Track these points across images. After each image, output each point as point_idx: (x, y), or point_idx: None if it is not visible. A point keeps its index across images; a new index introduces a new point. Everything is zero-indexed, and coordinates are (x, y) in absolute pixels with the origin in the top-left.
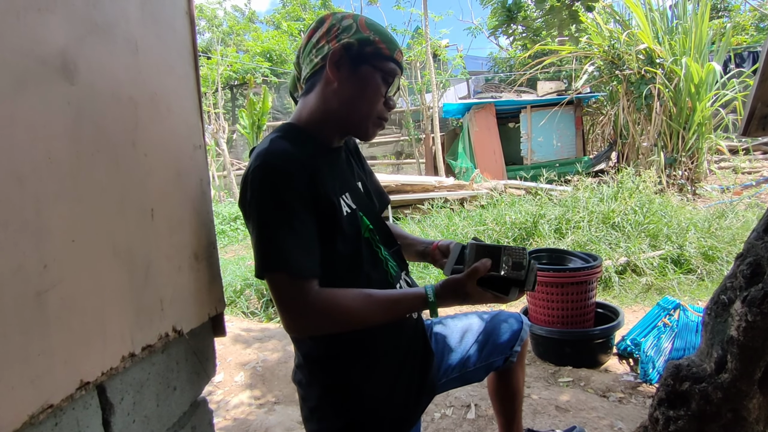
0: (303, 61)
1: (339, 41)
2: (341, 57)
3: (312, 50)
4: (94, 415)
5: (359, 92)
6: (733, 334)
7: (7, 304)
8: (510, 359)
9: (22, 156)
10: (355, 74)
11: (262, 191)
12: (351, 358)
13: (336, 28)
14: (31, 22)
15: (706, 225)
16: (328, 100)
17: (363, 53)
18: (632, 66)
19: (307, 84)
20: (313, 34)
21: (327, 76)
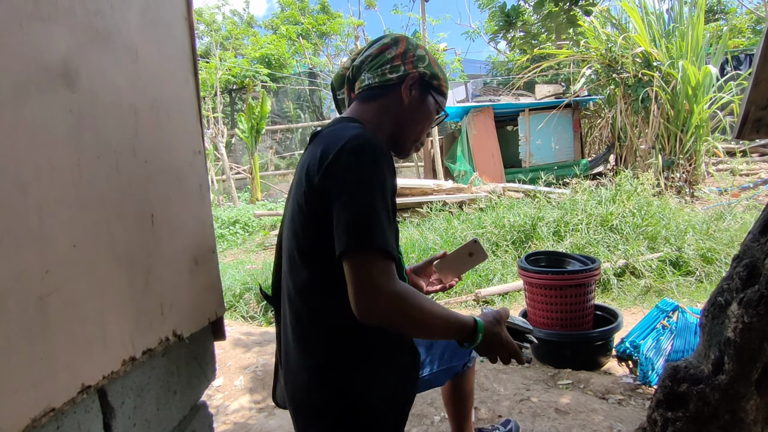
0: (368, 69)
1: (415, 68)
2: (415, 83)
3: (386, 65)
4: (95, 418)
5: (419, 117)
6: (730, 335)
7: (10, 309)
8: (467, 364)
9: (25, 163)
10: (421, 101)
11: (370, 168)
12: (364, 360)
13: (412, 54)
14: (34, 30)
15: (704, 227)
16: (392, 114)
17: (431, 85)
18: (629, 69)
19: (370, 92)
20: (386, 50)
21: (398, 95)
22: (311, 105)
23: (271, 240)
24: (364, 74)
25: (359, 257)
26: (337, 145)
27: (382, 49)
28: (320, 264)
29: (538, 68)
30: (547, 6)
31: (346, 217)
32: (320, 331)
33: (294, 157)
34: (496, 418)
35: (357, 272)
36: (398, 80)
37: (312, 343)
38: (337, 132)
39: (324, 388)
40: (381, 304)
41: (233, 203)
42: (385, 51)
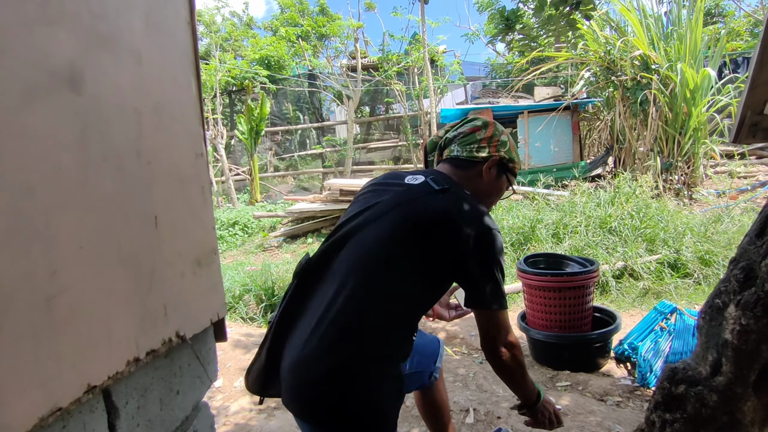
0: (459, 144)
1: (498, 152)
2: (495, 165)
3: (474, 144)
4: (100, 418)
5: (494, 192)
6: (728, 337)
7: (19, 310)
8: (434, 374)
9: (33, 166)
10: (497, 179)
11: (499, 251)
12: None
13: (497, 139)
14: (41, 35)
15: (702, 229)
16: (473, 185)
17: (507, 167)
18: (628, 72)
19: (458, 162)
20: (477, 131)
21: (481, 172)
22: (311, 107)
23: (270, 242)
24: (455, 146)
25: (501, 315)
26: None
27: (473, 129)
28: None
29: (537, 71)
30: (547, 10)
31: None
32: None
33: (293, 159)
34: (495, 419)
35: (498, 323)
36: (482, 160)
37: (354, 344)
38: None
39: (344, 380)
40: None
41: (232, 204)
42: (476, 132)
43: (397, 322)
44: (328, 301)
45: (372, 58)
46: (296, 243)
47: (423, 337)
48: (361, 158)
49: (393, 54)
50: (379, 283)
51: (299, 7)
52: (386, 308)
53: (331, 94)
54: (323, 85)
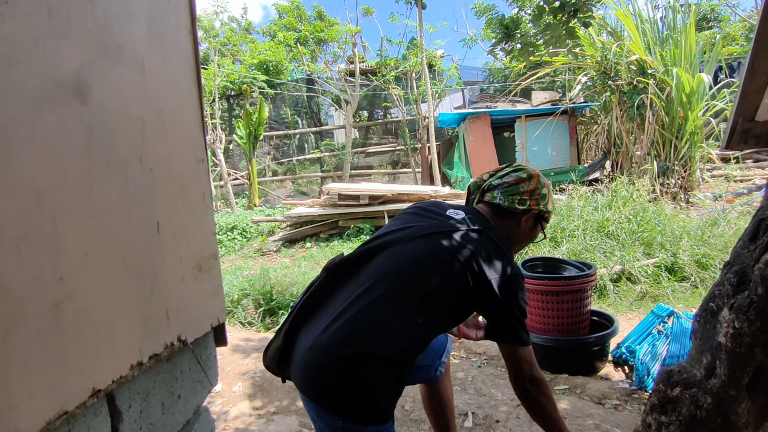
0: (502, 192)
1: (538, 205)
2: (533, 217)
3: (517, 195)
4: (103, 422)
5: (527, 238)
6: (722, 340)
7: (28, 315)
8: (439, 369)
9: (40, 174)
10: (532, 229)
11: (521, 295)
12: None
13: (538, 192)
14: (49, 47)
15: (699, 233)
16: (511, 233)
17: (543, 217)
18: (624, 76)
19: (499, 209)
20: (521, 183)
21: (520, 222)
22: (309, 111)
23: (268, 246)
24: (497, 193)
25: (527, 352)
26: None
27: (518, 181)
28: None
29: (534, 75)
30: (546, 18)
31: (508, 324)
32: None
33: (292, 163)
34: (493, 423)
35: (525, 358)
36: (522, 212)
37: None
38: (500, 245)
39: (369, 367)
40: (535, 384)
41: (231, 209)
42: (520, 184)
43: (412, 335)
44: (353, 299)
45: (370, 63)
46: (295, 247)
47: None
48: (360, 162)
49: (391, 59)
50: (401, 297)
51: (297, 12)
52: (404, 320)
53: (330, 98)
54: (321, 89)
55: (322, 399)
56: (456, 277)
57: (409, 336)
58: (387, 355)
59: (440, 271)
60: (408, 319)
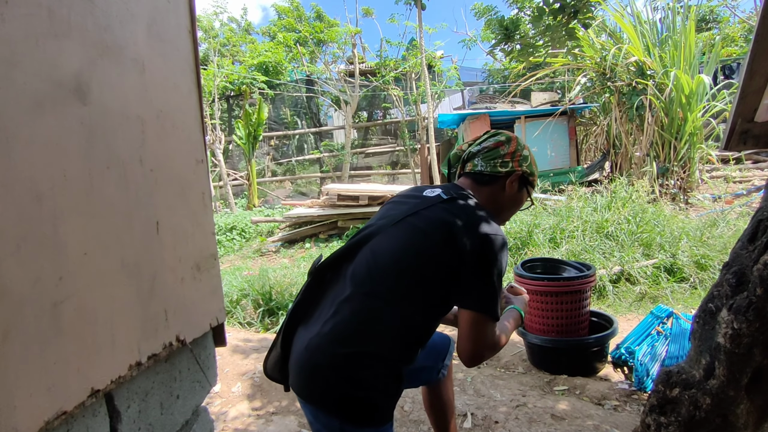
0: (483, 158)
1: (521, 166)
2: (517, 179)
3: (498, 159)
4: (102, 422)
5: (514, 204)
6: (721, 341)
7: (27, 314)
8: (442, 371)
9: (41, 174)
10: (518, 192)
11: (501, 258)
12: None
13: (519, 154)
14: (49, 47)
15: (698, 234)
16: (497, 200)
17: (528, 180)
18: (623, 78)
19: (482, 177)
20: (501, 146)
21: (503, 186)
22: (308, 112)
23: (267, 246)
24: (478, 160)
25: (483, 320)
26: (487, 234)
27: (497, 144)
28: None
29: (533, 76)
30: (546, 19)
31: (481, 288)
32: (383, 328)
33: (291, 164)
34: (492, 424)
35: (477, 328)
36: (505, 174)
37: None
38: (480, 213)
39: (366, 366)
40: (486, 352)
41: (230, 209)
42: (500, 147)
43: (407, 328)
44: (344, 298)
45: (369, 64)
46: (294, 248)
47: (434, 334)
48: (359, 163)
49: (390, 60)
50: (389, 291)
51: (296, 13)
52: (397, 314)
53: (329, 99)
54: (321, 90)
55: (319, 400)
56: (435, 255)
57: (405, 329)
58: (384, 352)
59: (419, 255)
60: (400, 313)
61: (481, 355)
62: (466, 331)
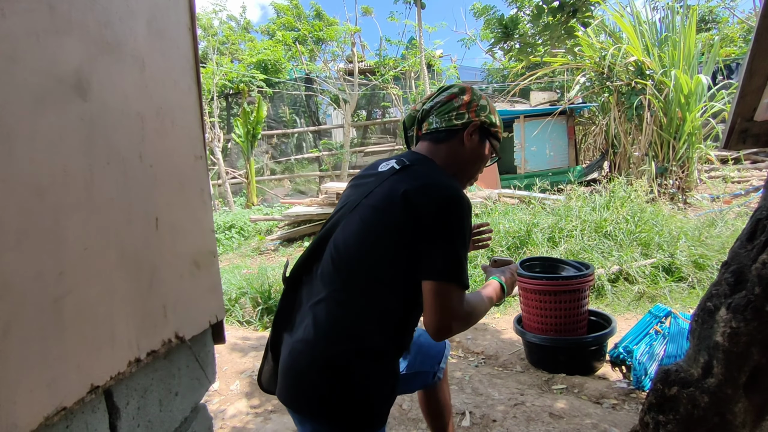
0: (437, 114)
1: (478, 116)
2: (476, 129)
3: (452, 112)
4: (101, 418)
5: (478, 159)
6: (719, 339)
7: (28, 310)
8: (437, 375)
9: (41, 169)
10: (480, 145)
11: (467, 219)
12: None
13: (475, 104)
14: (50, 43)
15: (696, 233)
16: (457, 156)
17: (489, 132)
18: (623, 78)
19: (438, 134)
20: (454, 99)
21: (461, 139)
22: (307, 110)
23: (266, 245)
24: (433, 118)
25: (447, 288)
26: (441, 193)
27: (450, 97)
28: (384, 274)
29: (533, 76)
30: (545, 18)
31: (441, 254)
32: (361, 324)
33: (290, 162)
34: (490, 422)
35: (441, 297)
36: (462, 126)
37: (347, 330)
38: (433, 175)
39: (342, 367)
40: (454, 322)
41: (229, 208)
42: (453, 99)
43: (384, 317)
44: (317, 300)
45: (369, 63)
46: (293, 246)
47: (429, 338)
48: (358, 162)
49: (390, 58)
50: (360, 282)
51: (295, 11)
52: (370, 304)
53: (328, 97)
54: (320, 88)
55: (306, 407)
56: (393, 233)
57: (384, 318)
58: (369, 347)
59: (378, 237)
60: (374, 302)
61: (448, 327)
62: (429, 302)
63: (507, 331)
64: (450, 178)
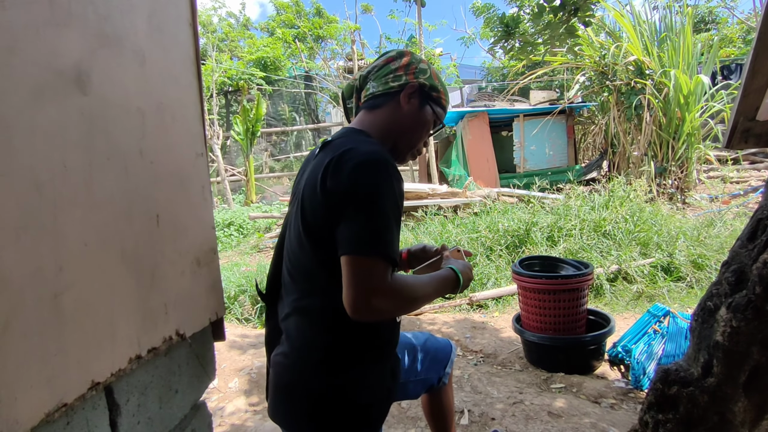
0: (374, 79)
1: (416, 78)
2: (415, 91)
3: (389, 74)
4: (102, 415)
5: (416, 125)
6: (719, 339)
7: (28, 305)
8: (442, 380)
9: (41, 164)
10: (420, 110)
11: (387, 183)
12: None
13: (414, 66)
14: (50, 36)
15: (695, 233)
16: (393, 121)
17: (430, 96)
18: (622, 77)
19: (374, 100)
20: (391, 62)
21: (398, 102)
22: (306, 108)
23: (265, 242)
24: (370, 83)
25: (362, 262)
26: (353, 158)
27: (387, 60)
28: (326, 268)
29: (532, 75)
30: (546, 17)
31: (358, 224)
32: (324, 329)
33: (289, 160)
34: (489, 420)
35: (359, 272)
36: (399, 88)
37: (315, 339)
38: (350, 143)
39: (321, 378)
40: (377, 300)
41: (228, 205)
42: (390, 62)
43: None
44: (284, 315)
45: (369, 60)
46: None
47: (436, 342)
48: None
49: None
50: (312, 284)
51: (295, 8)
52: (329, 305)
53: (327, 95)
54: (319, 86)
55: (293, 425)
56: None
57: (346, 318)
58: (346, 351)
59: (310, 229)
60: (335, 301)
61: (367, 303)
62: (344, 278)
63: (505, 330)
64: (372, 144)
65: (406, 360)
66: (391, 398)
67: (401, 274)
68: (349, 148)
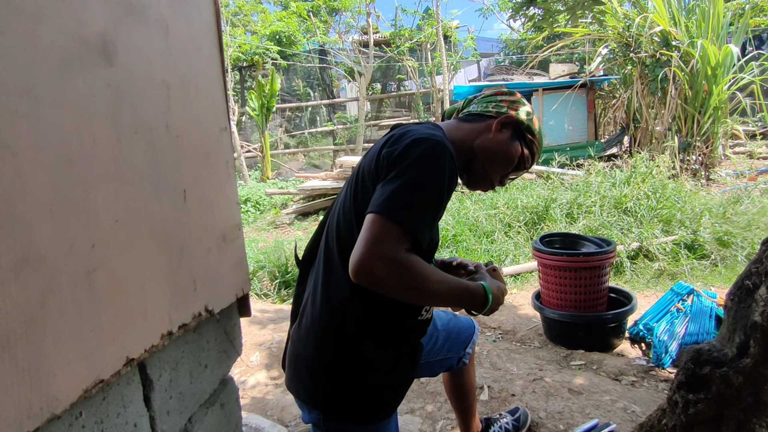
0: (477, 102)
1: (516, 112)
2: (510, 123)
3: (492, 102)
4: (136, 390)
5: (499, 154)
6: (757, 319)
7: (63, 282)
8: (463, 360)
9: (71, 137)
10: (507, 142)
11: (437, 164)
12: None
13: (519, 105)
14: (75, 4)
15: (720, 210)
16: (476, 139)
17: (523, 135)
18: (647, 49)
19: (469, 116)
20: (500, 94)
21: (489, 125)
22: (321, 83)
23: (282, 219)
24: (473, 105)
25: (381, 223)
26: (414, 135)
27: (497, 92)
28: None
29: (552, 47)
30: None
31: (390, 187)
32: (346, 307)
33: (303, 136)
34: (509, 396)
35: (373, 232)
36: (496, 115)
37: (335, 314)
38: (415, 127)
39: (341, 349)
40: (375, 265)
41: (244, 181)
42: (499, 95)
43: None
44: (313, 288)
45: (384, 34)
46: (308, 220)
47: (458, 322)
48: (372, 135)
49: (405, 29)
50: (343, 256)
51: None
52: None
53: (342, 70)
54: (334, 61)
55: (304, 396)
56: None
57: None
58: (367, 332)
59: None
60: None
61: (369, 264)
62: (360, 236)
63: (524, 307)
64: (436, 129)
65: (431, 337)
66: (407, 384)
67: (422, 261)
68: (414, 129)
